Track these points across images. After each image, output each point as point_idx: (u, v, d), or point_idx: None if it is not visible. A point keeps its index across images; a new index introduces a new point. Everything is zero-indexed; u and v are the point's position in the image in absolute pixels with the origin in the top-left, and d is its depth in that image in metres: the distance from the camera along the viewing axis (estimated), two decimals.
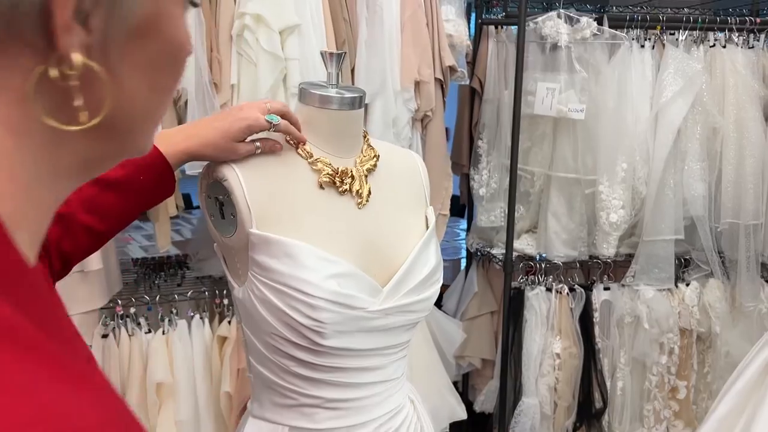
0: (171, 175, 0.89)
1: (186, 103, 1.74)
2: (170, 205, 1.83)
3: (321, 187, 0.95)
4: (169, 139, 0.89)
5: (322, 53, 0.96)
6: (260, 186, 0.90)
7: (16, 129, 0.36)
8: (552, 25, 2.17)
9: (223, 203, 0.91)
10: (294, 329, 0.88)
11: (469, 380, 2.68)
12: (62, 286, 1.68)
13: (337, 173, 0.95)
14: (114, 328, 1.84)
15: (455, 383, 2.66)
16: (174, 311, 1.91)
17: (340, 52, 0.95)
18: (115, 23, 0.36)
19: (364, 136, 1.02)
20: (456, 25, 2.06)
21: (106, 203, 0.84)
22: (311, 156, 0.95)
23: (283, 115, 0.93)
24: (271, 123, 0.90)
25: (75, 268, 1.69)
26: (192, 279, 2.13)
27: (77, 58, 0.34)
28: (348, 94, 0.96)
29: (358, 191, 0.97)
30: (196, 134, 0.89)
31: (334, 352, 0.90)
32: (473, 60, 2.45)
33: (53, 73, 0.35)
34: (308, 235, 0.90)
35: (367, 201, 0.97)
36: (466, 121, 2.53)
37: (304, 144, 0.95)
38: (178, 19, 0.41)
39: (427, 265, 0.98)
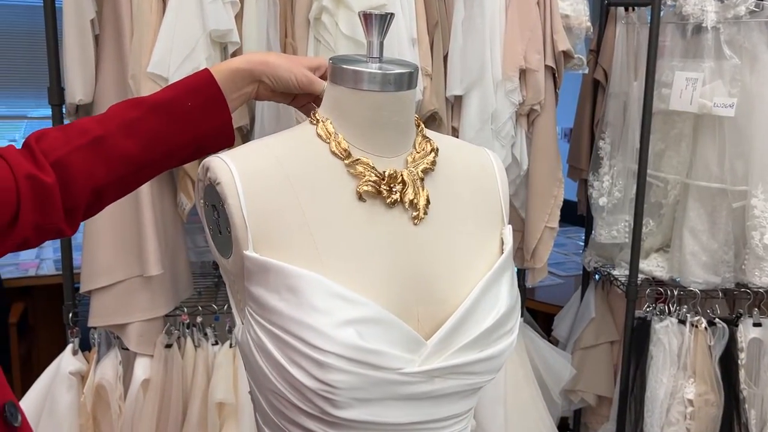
0: (222, 102, 0.78)
1: None
2: None
3: (361, 198, 0.70)
4: (227, 62, 0.80)
5: (360, 14, 0.71)
6: (266, 192, 0.67)
7: None
8: (696, 2, 1.79)
9: (219, 213, 0.69)
10: (299, 392, 0.64)
11: (581, 418, 2.33)
12: (121, 292, 1.56)
13: (384, 179, 0.70)
14: (179, 337, 1.70)
15: (565, 419, 2.33)
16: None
17: (384, 13, 0.70)
18: None
19: (417, 126, 0.76)
20: (574, 5, 1.73)
21: (148, 128, 0.75)
22: (348, 156, 0.70)
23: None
24: None
25: (135, 272, 1.59)
26: None
27: None
28: (393, 70, 0.70)
29: (412, 201, 0.71)
30: (258, 54, 0.81)
31: (354, 425, 0.65)
32: (597, 47, 2.11)
33: None
34: (330, 264, 0.66)
35: (425, 214, 0.71)
36: (586, 119, 2.19)
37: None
38: None
39: (495, 310, 0.70)
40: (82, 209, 0.76)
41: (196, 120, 0.77)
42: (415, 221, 0.71)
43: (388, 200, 0.70)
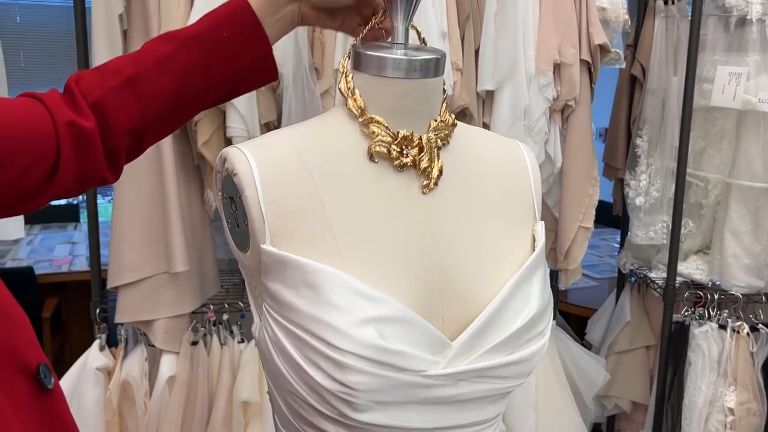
0: (260, 31, 0.72)
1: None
2: None
3: (372, 159, 0.66)
4: None
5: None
6: (285, 183, 0.64)
7: None
8: None
9: (237, 206, 0.66)
10: (317, 393, 0.60)
11: (615, 424, 2.26)
12: (148, 288, 1.55)
13: (396, 139, 0.66)
14: (205, 334, 1.69)
15: (598, 425, 2.27)
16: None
17: None
18: None
19: (453, 124, 0.71)
20: None
21: (181, 63, 0.71)
22: (362, 114, 0.67)
23: None
24: None
25: (162, 268, 1.58)
26: None
27: None
28: (420, 56, 0.67)
29: (426, 170, 0.67)
30: None
31: (375, 429, 0.62)
32: (634, 42, 2.04)
33: None
34: (350, 258, 0.63)
35: (435, 185, 0.67)
36: (623, 116, 2.13)
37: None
38: None
39: (526, 310, 0.66)
40: (123, 153, 0.74)
41: (232, 52, 0.72)
42: (425, 190, 0.67)
43: (397, 162, 0.65)
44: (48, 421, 0.56)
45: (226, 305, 1.70)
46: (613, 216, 2.42)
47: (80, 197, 5.61)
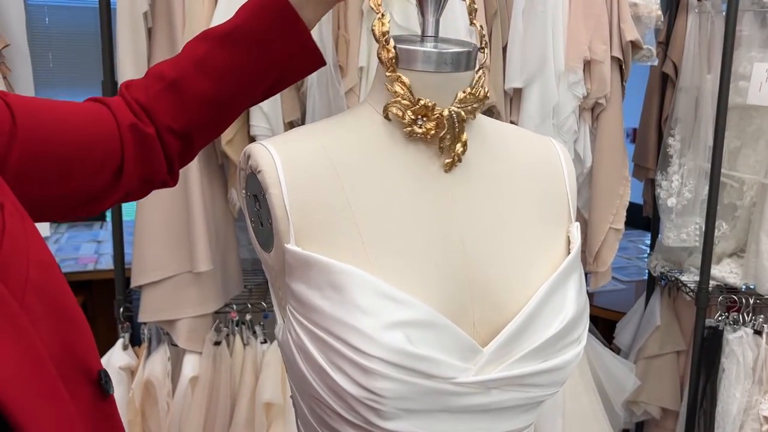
0: (293, 18, 0.70)
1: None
2: None
3: (387, 117, 0.64)
4: None
5: None
6: (310, 181, 0.62)
7: None
8: None
9: (261, 204, 0.64)
10: (342, 400, 0.58)
11: (643, 431, 2.21)
12: (171, 287, 1.54)
13: (416, 105, 0.63)
14: (228, 335, 1.68)
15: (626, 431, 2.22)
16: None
17: None
18: None
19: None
20: None
21: (217, 63, 0.71)
22: (393, 67, 0.63)
23: None
24: None
25: (185, 268, 1.57)
26: None
27: None
28: (450, 49, 0.64)
29: (450, 147, 0.64)
30: None
31: None
32: (666, 39, 1.99)
33: None
34: (377, 260, 0.60)
35: (458, 162, 0.64)
36: (654, 115, 2.07)
37: None
38: None
39: (561, 316, 0.63)
40: (176, 157, 0.75)
41: (268, 43, 0.70)
42: (446, 168, 0.64)
43: (411, 130, 0.62)
44: (107, 426, 0.56)
45: (249, 305, 1.69)
46: (641, 218, 2.36)
47: None
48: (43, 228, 1.73)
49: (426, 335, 0.57)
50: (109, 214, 4.59)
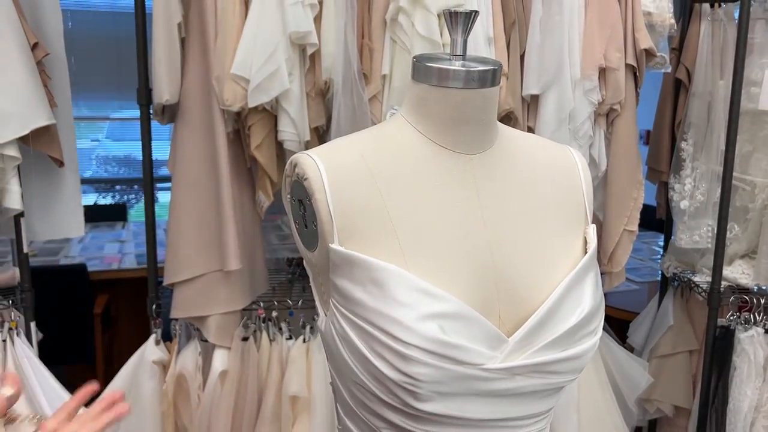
0: None
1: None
2: None
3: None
4: None
5: (444, 13, 0.71)
6: (351, 187, 0.68)
7: None
8: None
9: (305, 208, 0.71)
10: (382, 384, 0.65)
11: (657, 428, 2.26)
12: (202, 285, 1.61)
13: None
14: (255, 331, 1.75)
15: (639, 429, 2.26)
16: (316, 318, 1.77)
17: (469, 11, 0.70)
18: None
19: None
20: (657, 1, 1.68)
21: None
22: None
23: None
24: None
25: (215, 266, 1.64)
26: None
27: None
28: (477, 67, 0.71)
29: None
30: None
31: (436, 418, 0.65)
32: (680, 45, 2.04)
33: None
34: (412, 258, 0.67)
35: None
36: (667, 119, 2.12)
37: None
38: None
39: (579, 309, 0.69)
40: None
41: None
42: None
43: None
44: None
45: (275, 303, 1.76)
46: (655, 220, 2.41)
47: (128, 197, 5.78)
48: (79, 227, 1.80)
49: (457, 326, 0.63)
50: (131, 215, 4.67)
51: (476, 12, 0.71)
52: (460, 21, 0.70)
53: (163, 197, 3.93)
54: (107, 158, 5.70)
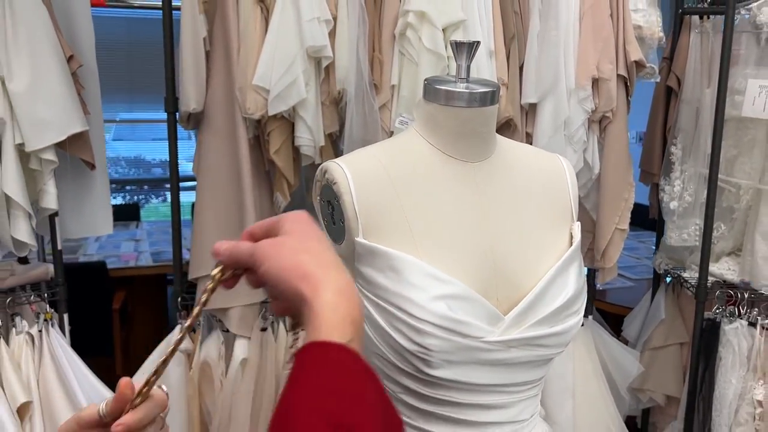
0: None
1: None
2: None
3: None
4: None
5: (451, 44, 0.84)
6: (373, 190, 0.81)
7: None
8: None
9: (333, 208, 0.84)
10: (399, 354, 0.78)
11: (649, 417, 2.38)
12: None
13: None
14: (273, 322, 1.88)
15: (633, 418, 2.38)
16: None
17: (471, 41, 0.83)
18: None
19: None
20: (646, 16, 1.81)
21: None
22: None
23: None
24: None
25: None
26: None
27: None
28: (478, 89, 0.84)
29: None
30: None
31: (445, 383, 0.79)
32: (671, 55, 2.16)
33: None
34: (424, 248, 0.80)
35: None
36: (659, 124, 2.24)
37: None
38: None
39: (564, 293, 0.82)
40: None
41: None
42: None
43: None
44: None
45: None
46: (648, 219, 2.52)
47: (138, 197, 5.90)
48: (107, 225, 1.93)
49: (462, 305, 0.77)
50: (142, 214, 4.78)
51: (478, 42, 0.84)
52: (464, 50, 0.84)
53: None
54: (117, 159, 5.85)
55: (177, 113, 1.77)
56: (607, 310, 2.71)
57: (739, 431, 1.95)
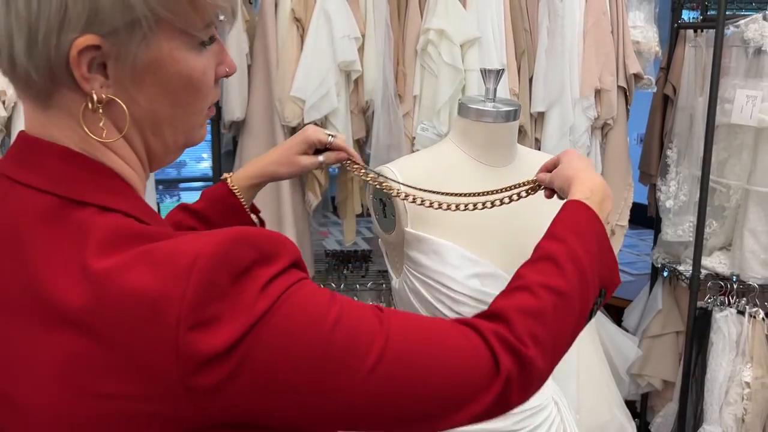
0: (238, 204, 0.96)
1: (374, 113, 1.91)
2: (356, 205, 2.01)
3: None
4: (243, 169, 0.98)
5: (481, 71, 1.03)
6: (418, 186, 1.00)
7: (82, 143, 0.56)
8: (756, 28, 2.01)
9: (385, 204, 1.03)
10: None
11: (648, 401, 2.56)
12: None
13: None
14: None
15: (633, 402, 2.55)
16: (356, 299, 2.09)
17: (498, 68, 1.02)
18: (124, 69, 0.54)
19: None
20: (644, 32, 2.00)
21: (191, 228, 0.92)
22: None
23: (340, 148, 0.96)
24: (328, 135, 0.94)
25: None
26: (375, 272, 2.30)
27: (99, 95, 0.54)
28: (503, 108, 1.03)
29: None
30: (263, 157, 1.00)
31: None
32: (667, 66, 2.35)
33: (90, 105, 0.54)
34: (462, 235, 0.99)
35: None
36: (657, 129, 2.42)
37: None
38: (182, 59, 0.56)
39: None
40: None
41: (226, 219, 0.92)
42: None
43: None
44: None
45: (321, 286, 2.08)
46: (646, 217, 2.70)
47: (156, 197, 6.07)
48: None
49: (492, 282, 0.96)
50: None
51: (503, 69, 1.03)
52: (492, 76, 1.03)
53: (186, 197, 4.22)
54: None
55: (220, 122, 1.96)
56: (609, 303, 2.84)
57: (729, 410, 2.13)
